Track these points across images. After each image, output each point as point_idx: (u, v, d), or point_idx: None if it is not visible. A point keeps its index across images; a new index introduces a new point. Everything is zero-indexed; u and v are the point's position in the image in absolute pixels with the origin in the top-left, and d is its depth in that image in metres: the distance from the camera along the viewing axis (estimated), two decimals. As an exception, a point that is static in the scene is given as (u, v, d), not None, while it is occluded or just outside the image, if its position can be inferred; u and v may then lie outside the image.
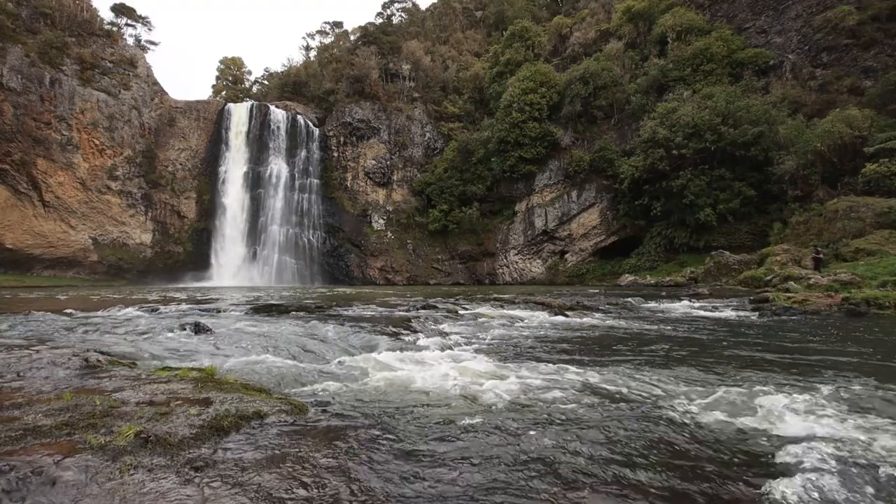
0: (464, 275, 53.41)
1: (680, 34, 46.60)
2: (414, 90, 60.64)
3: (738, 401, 3.91)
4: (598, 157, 46.11)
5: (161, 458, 2.34)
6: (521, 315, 11.73)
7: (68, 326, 8.35)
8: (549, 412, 3.60)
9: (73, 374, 3.96)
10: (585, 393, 4.22)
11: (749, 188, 35.93)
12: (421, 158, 58.00)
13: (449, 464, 2.58)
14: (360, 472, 2.42)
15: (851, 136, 29.65)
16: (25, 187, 45.52)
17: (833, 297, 12.46)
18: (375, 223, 55.67)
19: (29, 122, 44.62)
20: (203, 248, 53.50)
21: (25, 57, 44.65)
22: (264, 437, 2.77)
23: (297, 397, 3.88)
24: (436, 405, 3.80)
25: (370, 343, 7.01)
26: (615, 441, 2.97)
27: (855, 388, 4.41)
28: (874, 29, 35.84)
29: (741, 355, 6.37)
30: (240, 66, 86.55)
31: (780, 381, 4.78)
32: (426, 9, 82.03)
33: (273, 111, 56.44)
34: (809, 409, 3.63)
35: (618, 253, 45.68)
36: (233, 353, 6.00)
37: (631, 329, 9.59)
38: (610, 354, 6.53)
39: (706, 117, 37.11)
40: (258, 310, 11.70)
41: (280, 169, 55.21)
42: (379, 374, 4.93)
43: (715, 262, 29.35)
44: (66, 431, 2.53)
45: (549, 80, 49.75)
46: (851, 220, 24.64)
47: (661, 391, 4.30)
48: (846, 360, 5.96)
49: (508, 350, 6.86)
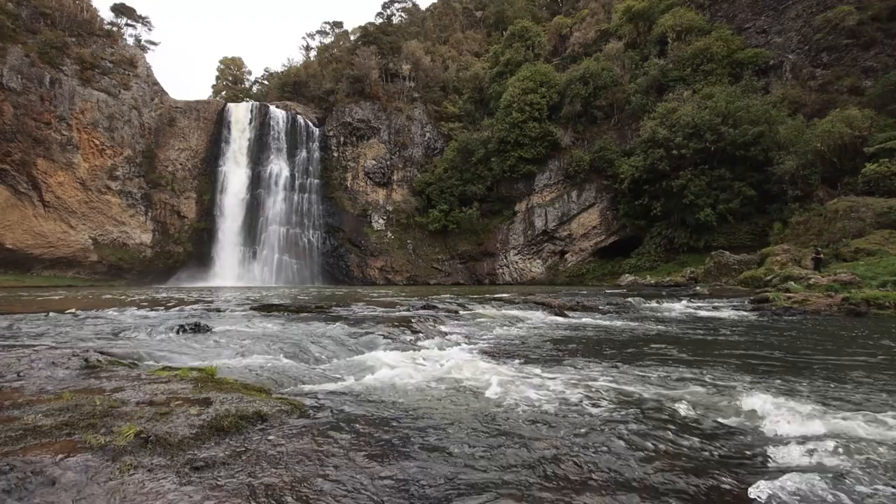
0: (464, 275, 53.41)
1: (680, 34, 46.63)
2: (414, 90, 60.65)
3: (736, 401, 3.91)
4: (598, 157, 46.14)
5: (161, 458, 2.34)
6: (521, 315, 11.73)
7: (68, 326, 8.35)
8: (548, 411, 3.60)
9: (73, 374, 3.96)
10: (585, 392, 4.23)
11: (749, 188, 35.95)
12: (421, 158, 58.01)
13: (449, 463, 2.58)
14: (361, 471, 2.43)
15: (851, 136, 29.67)
16: (25, 187, 45.53)
17: (833, 297, 12.46)
18: (375, 223, 55.69)
19: (29, 122, 44.63)
20: (203, 248, 53.53)
21: (25, 57, 44.66)
22: (264, 437, 2.77)
23: (298, 397, 3.88)
24: (436, 405, 3.80)
25: (370, 343, 7.01)
26: (614, 440, 2.97)
27: (855, 388, 4.41)
28: (874, 29, 35.87)
29: (740, 355, 6.37)
30: (240, 66, 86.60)
31: (779, 381, 4.78)
32: (426, 9, 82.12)
33: (273, 111, 56.46)
34: (808, 409, 3.63)
35: (618, 253, 45.70)
36: (233, 353, 6.00)
37: (631, 329, 9.59)
38: (609, 354, 6.53)
39: (706, 117, 37.12)
40: (258, 310, 11.71)
41: (280, 169, 55.24)
42: (379, 374, 4.93)
43: (715, 262, 29.36)
44: (66, 431, 2.53)
45: (549, 80, 49.78)
46: (851, 220, 24.64)
47: (659, 391, 4.30)
48: (846, 360, 5.96)
49: (508, 350, 6.86)
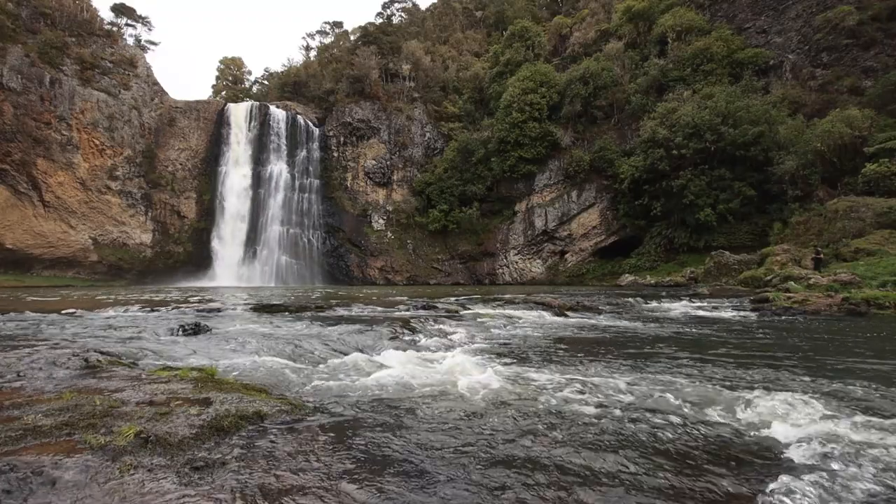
0: (464, 275, 53.40)
1: (680, 34, 46.63)
2: (414, 90, 60.64)
3: (733, 401, 3.91)
4: (598, 157, 46.13)
5: (161, 458, 2.34)
6: (521, 315, 11.73)
7: (68, 326, 8.35)
8: (548, 411, 3.60)
9: (73, 374, 3.96)
10: (585, 392, 4.23)
11: (749, 188, 35.94)
12: (421, 158, 58.00)
13: (449, 463, 2.58)
14: (360, 471, 2.43)
15: (851, 136, 29.66)
16: (25, 187, 45.54)
17: (833, 297, 12.46)
18: (375, 223, 55.68)
19: (29, 122, 44.63)
20: (203, 248, 53.53)
21: (25, 57, 44.66)
22: (264, 437, 2.77)
23: (297, 397, 3.88)
24: (435, 405, 3.80)
25: (370, 343, 7.02)
26: (614, 441, 2.97)
27: (854, 388, 4.41)
28: (874, 29, 35.87)
29: (741, 355, 6.37)
30: (240, 66, 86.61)
31: (778, 381, 4.78)
32: (426, 9, 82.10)
33: (273, 111, 56.45)
34: (808, 409, 3.63)
35: (618, 253, 45.69)
36: (233, 353, 6.00)
37: (630, 329, 9.60)
38: (610, 354, 6.53)
39: (706, 117, 37.12)
40: (258, 310, 11.71)
41: (280, 169, 55.23)
42: (378, 374, 4.93)
43: (715, 262, 29.36)
44: (66, 431, 2.53)
45: (549, 80, 49.78)
46: (851, 220, 24.64)
47: (660, 391, 4.30)
48: (846, 360, 5.96)
49: (508, 350, 6.86)
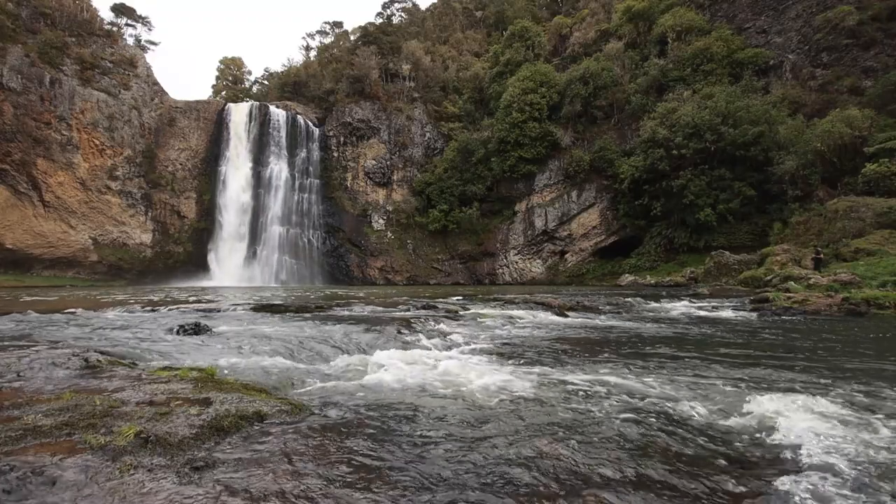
0: (464, 275, 53.40)
1: (680, 34, 46.63)
2: (414, 90, 60.63)
3: (734, 401, 3.91)
4: (598, 157, 46.13)
5: (161, 458, 2.34)
6: (521, 315, 11.73)
7: (68, 326, 8.35)
8: (547, 411, 3.60)
9: (73, 374, 3.96)
10: (586, 393, 4.23)
11: (749, 188, 35.95)
12: (421, 158, 58.00)
13: (449, 463, 2.58)
14: (360, 472, 2.43)
15: (851, 136, 29.66)
16: (25, 187, 45.53)
17: (833, 297, 12.45)
18: (375, 223, 55.68)
19: (29, 122, 44.62)
20: (203, 248, 53.52)
21: (25, 57, 44.65)
22: (264, 437, 2.77)
23: (297, 397, 3.88)
24: (435, 405, 3.80)
25: (370, 343, 7.01)
26: (615, 441, 2.97)
27: (856, 388, 4.41)
28: (874, 29, 35.87)
29: (742, 355, 6.37)
30: (240, 66, 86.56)
31: (780, 381, 4.78)
32: (426, 9, 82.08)
33: (273, 111, 56.44)
34: (807, 409, 3.63)
35: (618, 253, 45.69)
36: (233, 353, 6.00)
37: (630, 329, 9.60)
38: (609, 354, 6.53)
39: (706, 117, 37.12)
40: (258, 310, 11.70)
41: (280, 169, 55.22)
42: (378, 375, 4.93)
43: (715, 262, 29.36)
44: (66, 431, 2.53)
45: (549, 80, 49.77)
46: (851, 220, 24.64)
47: (661, 391, 4.30)
48: (846, 360, 5.96)
49: (508, 350, 6.86)
